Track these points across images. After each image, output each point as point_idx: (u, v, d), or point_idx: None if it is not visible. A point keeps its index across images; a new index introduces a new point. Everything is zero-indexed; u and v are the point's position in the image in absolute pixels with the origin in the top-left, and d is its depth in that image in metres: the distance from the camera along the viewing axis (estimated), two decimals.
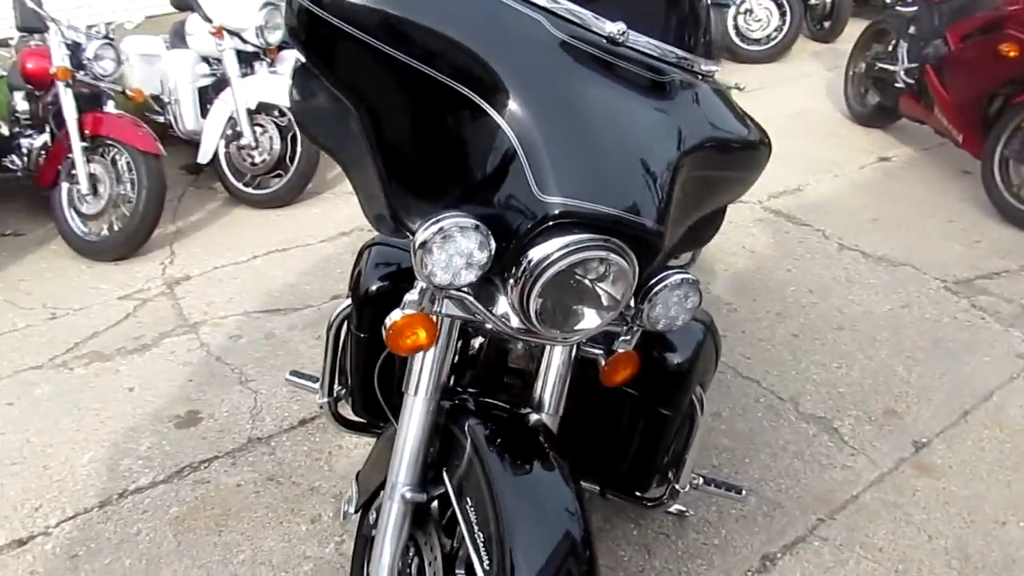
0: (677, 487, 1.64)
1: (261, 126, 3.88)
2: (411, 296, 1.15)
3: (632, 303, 1.22)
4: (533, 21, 1.11)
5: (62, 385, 2.56)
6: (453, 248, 1.05)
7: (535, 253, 1.04)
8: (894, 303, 3.01)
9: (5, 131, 3.83)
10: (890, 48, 4.53)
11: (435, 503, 1.34)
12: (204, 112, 4.06)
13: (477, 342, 1.57)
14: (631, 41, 1.15)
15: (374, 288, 1.54)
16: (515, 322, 1.16)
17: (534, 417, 1.34)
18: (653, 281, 1.21)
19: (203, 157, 3.97)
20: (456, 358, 1.56)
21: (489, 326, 1.20)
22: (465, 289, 1.14)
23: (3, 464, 2.21)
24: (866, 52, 4.81)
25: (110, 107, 3.58)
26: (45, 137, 3.70)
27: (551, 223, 1.03)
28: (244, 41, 3.86)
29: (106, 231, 3.47)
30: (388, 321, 1.14)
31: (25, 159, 3.75)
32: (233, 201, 4.00)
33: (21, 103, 3.78)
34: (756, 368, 2.61)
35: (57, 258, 3.47)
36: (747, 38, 6.30)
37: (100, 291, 3.18)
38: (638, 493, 1.70)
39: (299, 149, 3.85)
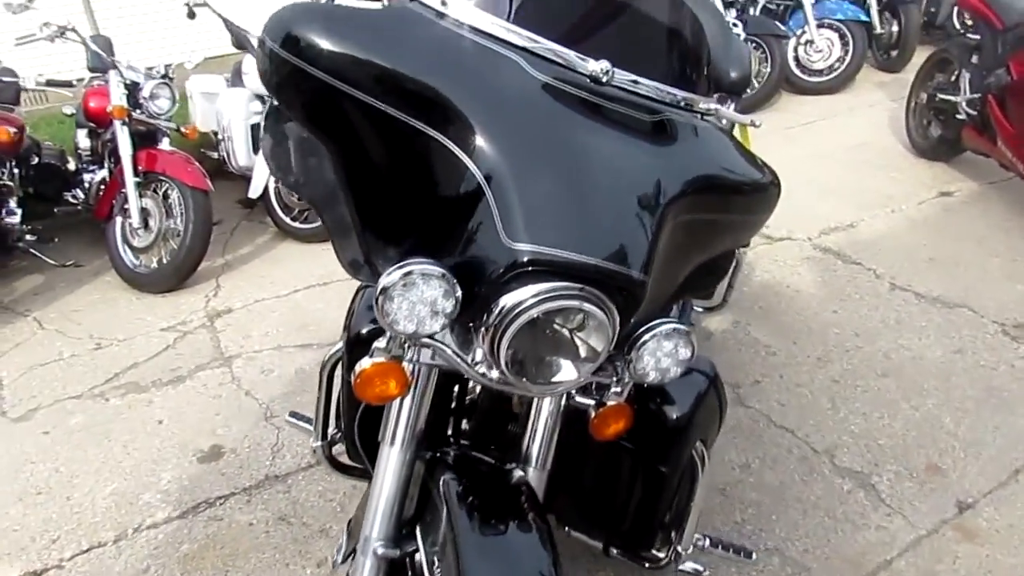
0: (679, 549, 1.55)
1: None
2: (379, 344, 1.12)
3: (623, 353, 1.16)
4: (510, 62, 1.07)
5: (96, 415, 2.63)
6: (416, 295, 1.01)
7: (506, 300, 0.99)
8: (946, 348, 2.83)
9: (72, 166, 4.05)
10: (952, 78, 4.34)
11: (417, 558, 1.29)
12: (256, 148, 4.17)
13: (478, 388, 1.53)
14: (617, 80, 1.10)
15: (365, 331, 1.51)
16: (493, 372, 1.12)
17: (518, 473, 1.29)
18: (641, 331, 1.15)
19: (253, 192, 4.06)
20: (454, 404, 1.54)
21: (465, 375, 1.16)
22: (438, 337, 1.10)
23: (29, 494, 2.27)
24: (928, 82, 4.62)
25: (165, 144, 3.72)
26: (104, 172, 3.88)
27: (520, 271, 0.99)
28: None
29: (155, 264, 3.58)
30: (357, 368, 1.11)
31: (86, 193, 3.94)
32: (281, 235, 4.08)
33: (84, 140, 3.99)
34: (791, 416, 2.49)
35: (110, 289, 3.59)
36: (808, 69, 6.14)
37: (145, 322, 3.27)
38: (643, 553, 1.61)
39: None
